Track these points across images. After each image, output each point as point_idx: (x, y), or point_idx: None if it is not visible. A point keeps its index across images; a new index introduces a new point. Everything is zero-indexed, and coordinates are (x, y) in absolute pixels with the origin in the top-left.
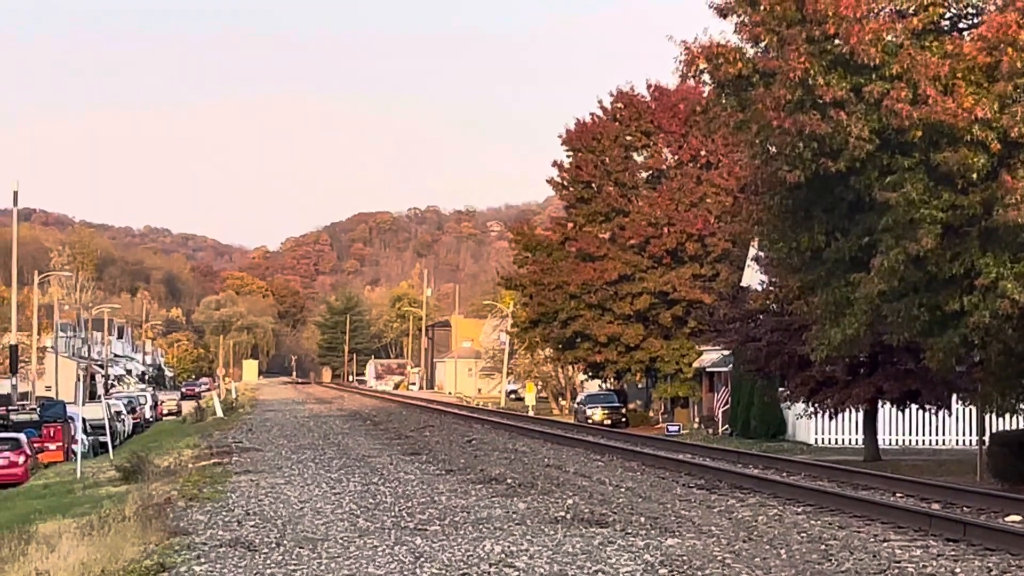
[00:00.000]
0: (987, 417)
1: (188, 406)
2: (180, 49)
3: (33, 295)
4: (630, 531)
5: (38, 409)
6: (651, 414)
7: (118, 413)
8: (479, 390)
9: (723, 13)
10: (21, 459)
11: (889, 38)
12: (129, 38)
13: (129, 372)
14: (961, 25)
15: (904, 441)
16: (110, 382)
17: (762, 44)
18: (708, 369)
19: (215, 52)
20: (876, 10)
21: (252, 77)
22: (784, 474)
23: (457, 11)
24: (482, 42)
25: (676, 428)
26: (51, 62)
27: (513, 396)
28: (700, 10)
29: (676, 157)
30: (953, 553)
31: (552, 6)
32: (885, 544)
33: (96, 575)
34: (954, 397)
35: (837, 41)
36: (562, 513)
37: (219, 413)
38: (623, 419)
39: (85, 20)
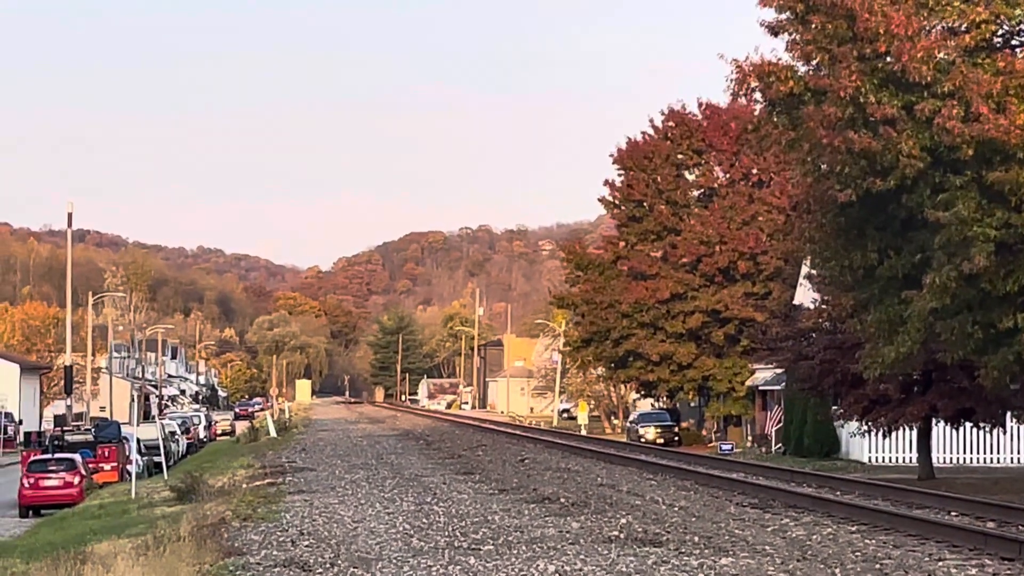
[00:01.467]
0: None
1: (241, 426)
2: (232, 68)
3: (87, 316)
4: (684, 551)
5: (93, 429)
6: (704, 433)
7: (172, 433)
8: (531, 409)
9: (774, 31)
10: (76, 479)
11: (941, 56)
12: (182, 59)
13: (183, 392)
14: (1013, 42)
15: (958, 459)
16: (164, 402)
17: (813, 62)
18: (761, 387)
19: (267, 71)
20: (927, 28)
21: (304, 97)
22: (838, 493)
23: (508, 31)
24: (534, 60)
25: (729, 447)
26: (104, 85)
27: (565, 415)
28: (752, 28)
29: (728, 175)
30: (1008, 572)
31: (605, 24)
32: (940, 563)
33: None
34: (1008, 415)
35: (888, 59)
36: (616, 532)
37: (272, 433)
38: (676, 438)
39: (139, 40)
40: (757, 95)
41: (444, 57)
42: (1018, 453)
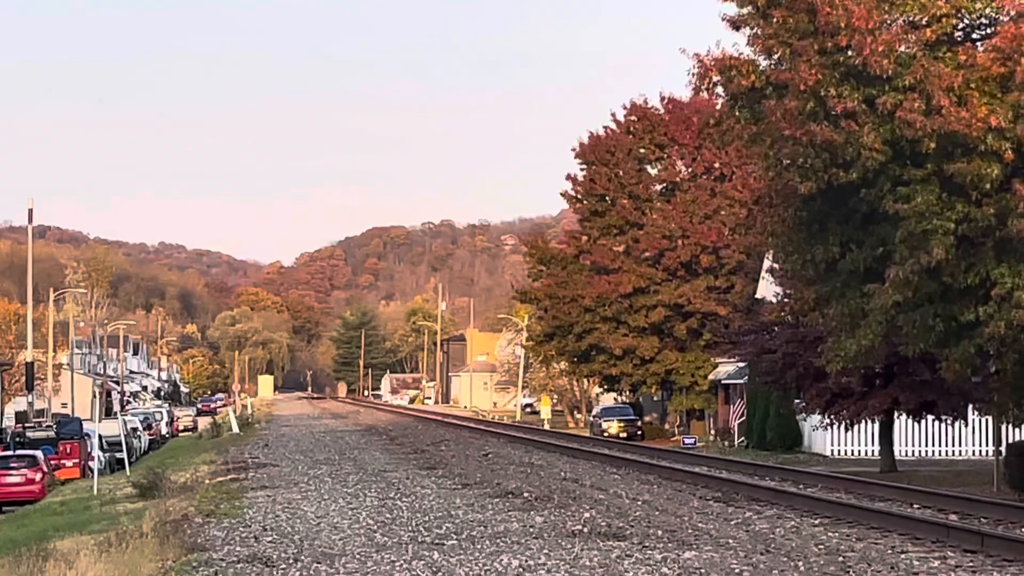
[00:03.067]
0: (1003, 427)
1: (204, 422)
2: (191, 63)
3: (48, 312)
4: (647, 544)
5: (54, 426)
6: (667, 427)
7: (134, 429)
8: (494, 404)
9: (736, 26)
10: (38, 476)
11: (902, 49)
12: (141, 53)
13: (145, 388)
14: (974, 36)
15: (920, 452)
16: (126, 398)
17: (775, 56)
18: (723, 381)
19: (227, 66)
20: (888, 22)
21: (265, 92)
22: (801, 486)
23: (470, 25)
24: (495, 56)
25: (692, 440)
26: (64, 80)
27: (528, 410)
28: (714, 23)
29: (690, 169)
30: (971, 564)
31: (566, 19)
32: (903, 556)
33: None
34: (970, 407)
35: (849, 53)
36: (579, 527)
37: (235, 429)
38: (639, 432)
39: (99, 36)
40: (719, 89)
41: (406, 53)
42: (980, 446)
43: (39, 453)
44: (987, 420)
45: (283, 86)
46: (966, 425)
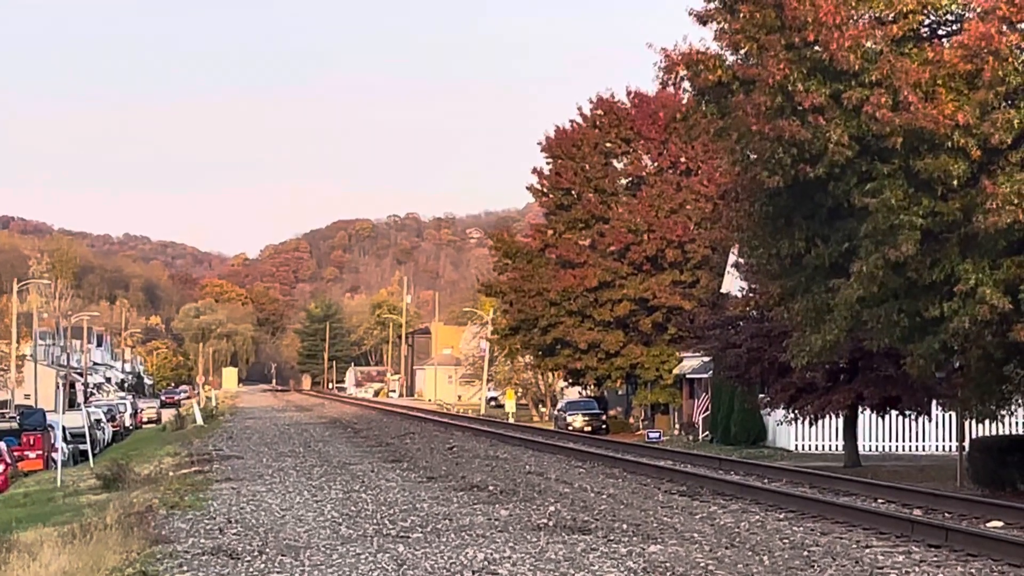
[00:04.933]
0: (967, 423)
1: (168, 414)
2: (156, 53)
3: (12, 303)
4: (612, 538)
5: (17, 417)
6: (631, 421)
7: (98, 421)
8: (459, 397)
9: (703, 20)
10: (0, 468)
11: (868, 45)
12: (107, 42)
13: (108, 380)
14: (940, 32)
15: (884, 447)
16: (89, 390)
17: (742, 51)
18: (688, 375)
19: (193, 57)
20: (855, 17)
21: (230, 83)
22: (765, 480)
23: (436, 18)
24: (461, 48)
25: (657, 435)
26: (27, 71)
27: (493, 403)
28: (680, 17)
29: (656, 164)
30: (935, 559)
31: (533, 13)
32: (867, 550)
33: None
34: (934, 403)
35: (816, 48)
36: (544, 520)
37: (199, 421)
38: (603, 426)
39: (59, 26)
40: (686, 84)
41: (371, 44)
42: (943, 441)
43: (2, 445)
44: (951, 416)
45: (248, 77)
46: (930, 420)
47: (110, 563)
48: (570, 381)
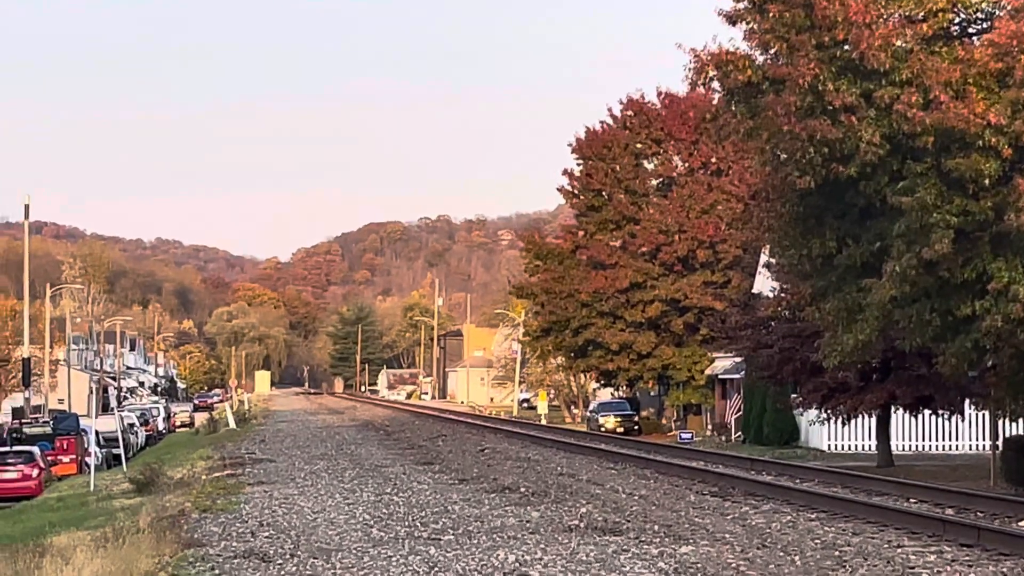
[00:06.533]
0: (1000, 422)
1: (201, 418)
2: (188, 59)
3: (45, 308)
4: (644, 539)
5: (51, 422)
6: (664, 422)
7: (131, 425)
8: (491, 399)
9: (732, 20)
10: (35, 472)
11: (899, 43)
12: (139, 49)
13: (141, 384)
14: (971, 30)
15: (917, 447)
16: (122, 394)
17: (771, 51)
18: (720, 376)
19: (224, 62)
20: (885, 16)
21: (263, 87)
22: (797, 480)
23: (467, 22)
24: (492, 51)
25: (689, 435)
26: (61, 76)
27: (525, 405)
28: (710, 18)
29: (686, 164)
30: (967, 558)
31: (562, 15)
32: (899, 550)
33: None
34: (967, 402)
35: (846, 47)
36: (576, 521)
37: (232, 424)
38: (636, 427)
39: (95, 33)
40: (715, 84)
41: (403, 49)
42: (977, 440)
43: (36, 449)
44: (984, 415)
45: (280, 83)
46: (963, 420)
47: (142, 567)
48: (602, 382)
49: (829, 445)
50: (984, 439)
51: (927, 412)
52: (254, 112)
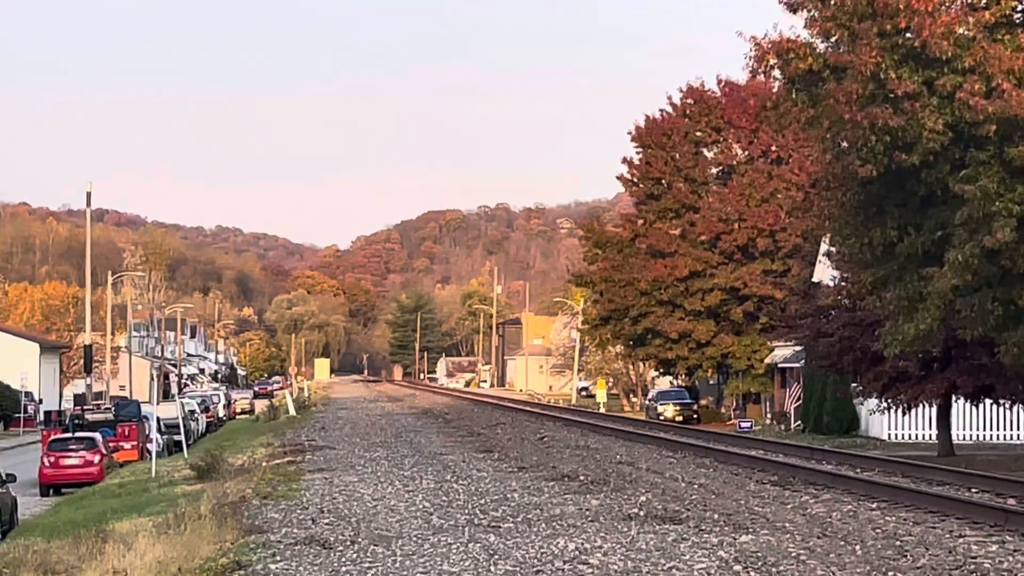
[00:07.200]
0: None
1: (261, 405)
2: (249, 45)
3: (107, 295)
4: (704, 528)
5: (113, 408)
6: (723, 410)
7: (192, 412)
8: (550, 387)
9: (793, 8)
10: (97, 458)
11: (961, 31)
12: (200, 35)
13: (202, 371)
14: None
15: (978, 436)
16: (183, 381)
17: (833, 39)
18: (780, 365)
19: (285, 49)
20: (947, 3)
21: (322, 76)
22: (858, 470)
23: (529, 8)
24: (550, 38)
25: (748, 424)
26: (123, 65)
27: (584, 393)
28: (771, 5)
29: (746, 153)
30: None
31: (621, 2)
32: (961, 540)
33: (173, 573)
34: None
35: (908, 35)
36: (635, 510)
37: (292, 411)
38: (694, 415)
39: (157, 21)
40: (776, 72)
41: (463, 35)
42: None
43: (98, 435)
44: None
45: (341, 69)
46: None
47: (204, 553)
48: (661, 371)
49: (889, 434)
50: None
51: (988, 402)
52: (315, 100)
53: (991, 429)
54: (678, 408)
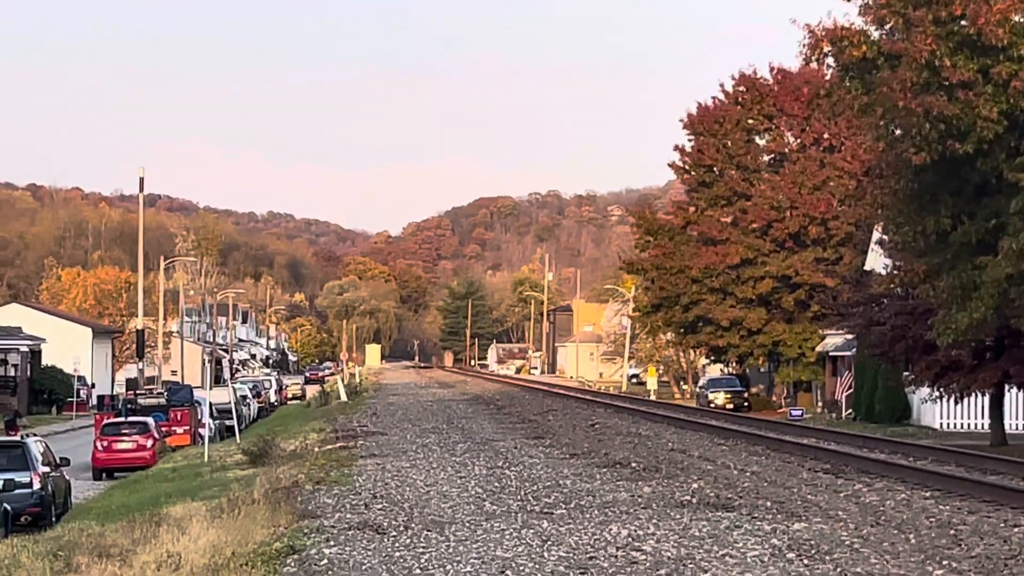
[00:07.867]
0: None
1: (312, 390)
2: (303, 31)
3: (159, 280)
4: (756, 515)
5: (165, 393)
6: (774, 398)
7: (244, 397)
8: (600, 374)
9: None
10: (149, 443)
11: (1017, 19)
12: (255, 22)
13: (253, 356)
14: None
15: None
16: (235, 366)
17: (887, 26)
18: (831, 353)
19: (337, 36)
20: None
21: (374, 62)
22: (910, 459)
23: None
24: (603, 25)
25: (799, 412)
26: (176, 51)
27: (635, 380)
28: None
29: (799, 140)
30: None
31: None
32: (1016, 529)
33: (227, 557)
34: None
35: (964, 22)
36: (688, 497)
37: (343, 397)
38: (745, 403)
39: (209, 7)
40: (830, 60)
41: (513, 23)
42: None
43: (150, 420)
44: None
45: (392, 56)
46: None
47: (258, 538)
48: (712, 358)
49: (941, 423)
50: None
51: None
52: (367, 86)
53: None
54: (729, 396)
